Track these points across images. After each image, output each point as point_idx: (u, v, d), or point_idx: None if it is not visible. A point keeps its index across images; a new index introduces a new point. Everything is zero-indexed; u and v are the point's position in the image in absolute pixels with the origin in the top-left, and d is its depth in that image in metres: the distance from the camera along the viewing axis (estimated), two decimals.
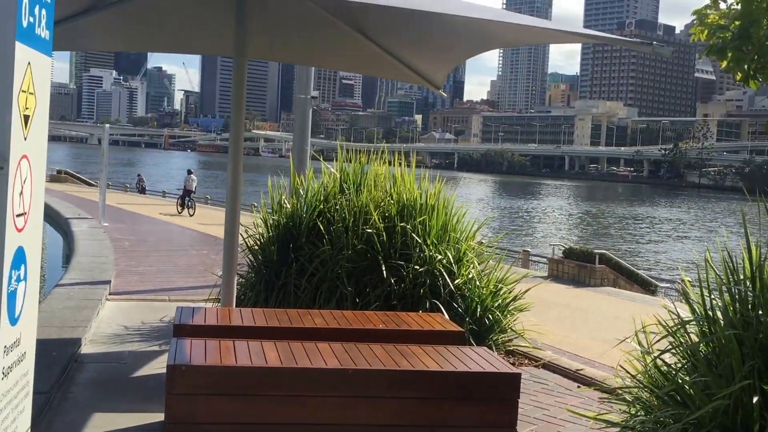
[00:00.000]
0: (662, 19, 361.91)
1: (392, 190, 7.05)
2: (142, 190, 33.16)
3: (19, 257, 2.76)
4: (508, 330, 6.89)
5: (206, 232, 16.17)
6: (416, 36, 6.16)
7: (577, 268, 12.81)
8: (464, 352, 4.91)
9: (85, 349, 6.12)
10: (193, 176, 24.40)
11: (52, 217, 18.82)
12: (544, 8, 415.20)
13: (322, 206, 6.90)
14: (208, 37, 6.81)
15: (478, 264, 7.02)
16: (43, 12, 2.82)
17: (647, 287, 13.84)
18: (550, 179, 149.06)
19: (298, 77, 9.58)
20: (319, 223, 6.70)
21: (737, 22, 3.89)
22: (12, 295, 2.70)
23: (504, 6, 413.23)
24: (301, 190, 7.12)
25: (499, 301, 6.94)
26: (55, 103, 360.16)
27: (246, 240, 6.99)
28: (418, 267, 6.52)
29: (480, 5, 4.96)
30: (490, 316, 6.73)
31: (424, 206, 6.92)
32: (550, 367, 6.62)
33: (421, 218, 6.76)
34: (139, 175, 35.87)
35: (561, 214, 56.49)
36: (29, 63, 2.68)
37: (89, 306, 7.26)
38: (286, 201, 7.08)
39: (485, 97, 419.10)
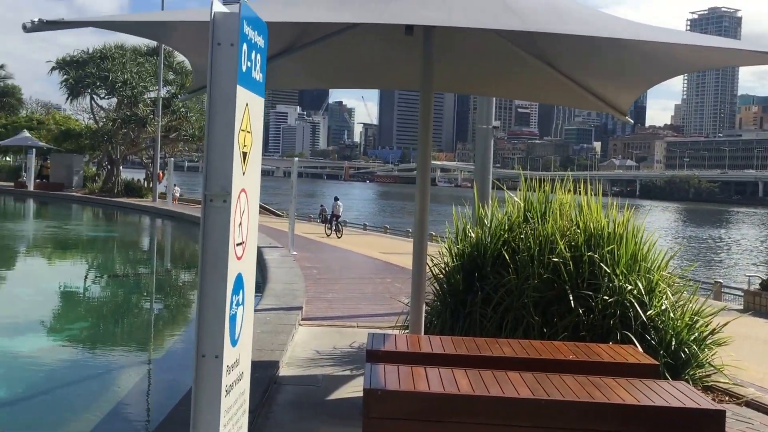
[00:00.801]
0: None
1: (578, 219, 6.93)
2: (324, 220, 34.64)
3: (239, 283, 3.02)
4: (706, 365, 6.51)
5: (388, 261, 16.57)
6: (603, 63, 6.07)
7: None
8: (661, 386, 4.71)
9: (283, 371, 6.48)
10: (339, 202, 26.77)
11: None
12: (733, 27, 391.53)
13: (506, 235, 6.90)
14: (395, 73, 7.08)
15: (671, 295, 6.72)
16: (258, 57, 3.09)
17: None
18: (742, 206, 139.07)
19: (479, 108, 9.69)
20: (504, 252, 6.71)
21: None
22: (233, 318, 2.95)
23: (688, 26, 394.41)
24: (485, 219, 7.17)
25: (696, 334, 6.58)
26: None
27: (432, 268, 7.12)
28: (607, 297, 6.34)
29: (670, 29, 4.83)
30: (685, 349, 6.39)
31: (612, 235, 6.74)
32: (753, 405, 6.20)
33: (609, 247, 6.58)
34: (321, 205, 37.58)
35: (755, 243, 52.37)
36: (247, 104, 2.95)
37: (284, 331, 7.69)
38: (470, 230, 7.16)
39: (668, 122, 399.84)
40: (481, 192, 9.20)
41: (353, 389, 6.08)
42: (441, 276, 7.11)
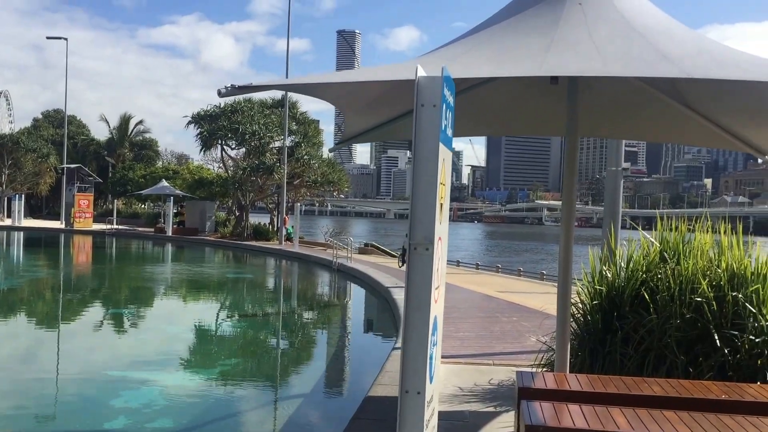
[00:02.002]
0: None
1: (718, 259, 6.91)
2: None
3: (435, 325, 3.30)
4: None
5: (509, 300, 16.71)
6: (744, 103, 6.12)
7: None
8: None
9: None
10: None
11: (372, 285, 20.74)
12: None
13: (644, 275, 6.95)
14: (538, 119, 7.34)
15: None
16: (449, 114, 3.40)
17: None
18: None
19: (609, 151, 9.80)
20: (643, 292, 6.77)
21: None
22: (431, 358, 3.22)
23: None
24: (620, 260, 7.24)
25: None
26: (359, 182, 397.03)
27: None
28: (753, 337, 6.29)
29: None
30: None
31: (756, 274, 6.69)
32: None
33: (754, 287, 6.54)
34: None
35: None
36: (443, 159, 3.26)
37: None
38: (607, 270, 7.24)
39: None
40: (613, 232, 9.23)
41: (499, 425, 6.25)
42: (579, 316, 7.21)
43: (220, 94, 4.51)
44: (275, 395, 9.59)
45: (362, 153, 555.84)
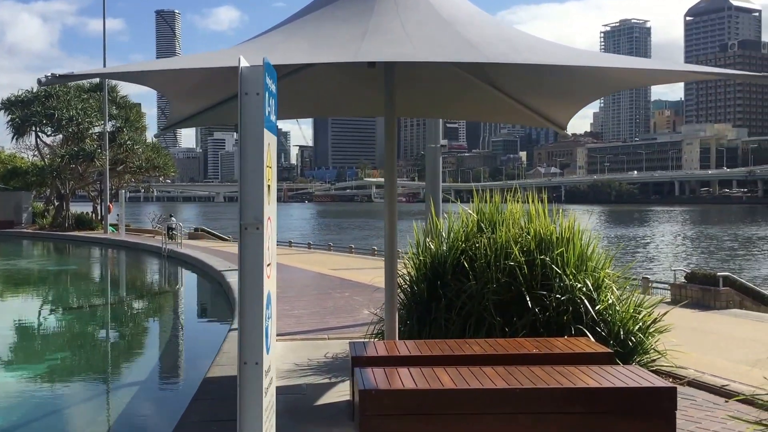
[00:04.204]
0: (765, 38, 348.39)
1: (528, 226, 7.55)
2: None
3: (269, 300, 3.47)
4: (651, 351, 7.18)
5: (341, 277, 17.13)
6: (546, 84, 6.72)
7: (701, 291, 12.68)
8: (618, 370, 5.32)
9: None
10: (173, 218, 31.54)
11: (205, 270, 20.40)
12: (643, 38, 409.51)
13: (463, 245, 7.46)
14: (357, 102, 7.61)
15: (616, 290, 7.39)
16: (272, 101, 3.56)
17: None
18: (661, 206, 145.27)
19: (428, 130, 10.30)
20: (463, 260, 7.27)
21: None
22: (266, 330, 3.40)
23: (602, 38, 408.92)
24: (442, 231, 7.72)
25: (640, 324, 7.25)
26: (186, 166, 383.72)
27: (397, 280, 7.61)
28: (560, 296, 6.95)
29: (606, 54, 5.48)
30: (632, 338, 7.05)
31: (561, 239, 7.37)
32: (695, 384, 6.90)
33: (558, 250, 7.21)
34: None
35: (675, 239, 55.08)
36: (269, 144, 3.42)
37: None
38: (430, 242, 7.69)
39: (588, 130, 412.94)
40: (434, 206, 9.78)
41: (336, 394, 6.52)
42: (406, 286, 7.62)
43: (40, 83, 4.41)
44: (107, 389, 9.33)
45: (188, 136, 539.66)
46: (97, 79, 43.25)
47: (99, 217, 43.03)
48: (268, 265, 3.40)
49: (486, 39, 5.00)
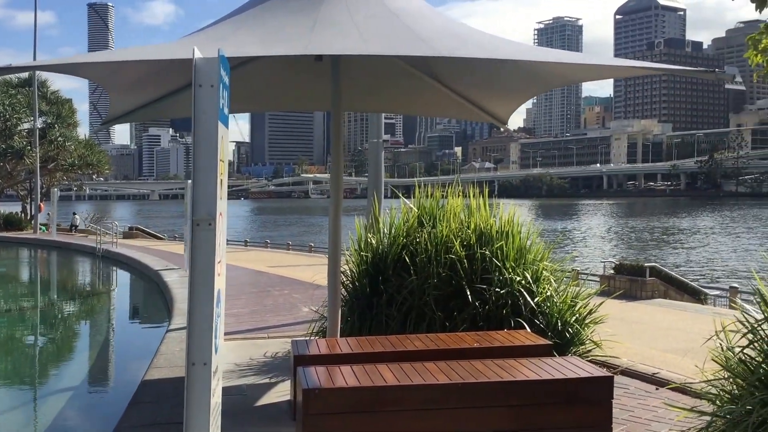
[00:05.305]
0: (689, 36, 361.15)
1: (469, 220, 7.60)
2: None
3: (218, 298, 3.39)
4: (587, 341, 7.33)
5: (279, 274, 17.02)
6: (485, 77, 6.76)
7: (629, 282, 13.05)
8: (556, 361, 5.40)
9: None
10: (77, 216, 33.45)
11: (141, 270, 19.91)
12: (575, 35, 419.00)
13: (404, 240, 7.46)
14: (304, 96, 7.53)
15: (554, 282, 7.51)
16: (225, 93, 3.47)
17: (697, 296, 14.00)
18: (590, 199, 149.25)
19: (370, 124, 10.28)
20: (405, 255, 7.27)
21: None
22: (216, 330, 3.31)
23: (535, 35, 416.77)
24: (383, 227, 7.71)
25: (576, 315, 7.39)
26: (120, 164, 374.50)
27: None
28: (499, 289, 7.02)
29: (546, 49, 5.55)
30: (569, 329, 7.18)
31: (500, 233, 7.45)
32: (628, 373, 7.09)
33: (498, 244, 7.28)
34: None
35: (604, 231, 56.69)
36: (222, 137, 3.33)
37: None
38: (371, 238, 7.67)
39: (522, 125, 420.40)
40: (377, 201, 9.73)
41: (277, 395, 6.45)
42: (347, 283, 7.58)
43: None
44: (36, 397, 9.00)
45: (122, 132, 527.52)
46: (26, 74, 41.87)
47: (29, 217, 41.72)
48: (219, 262, 3.32)
49: (435, 33, 5.00)
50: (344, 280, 7.55)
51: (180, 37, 5.42)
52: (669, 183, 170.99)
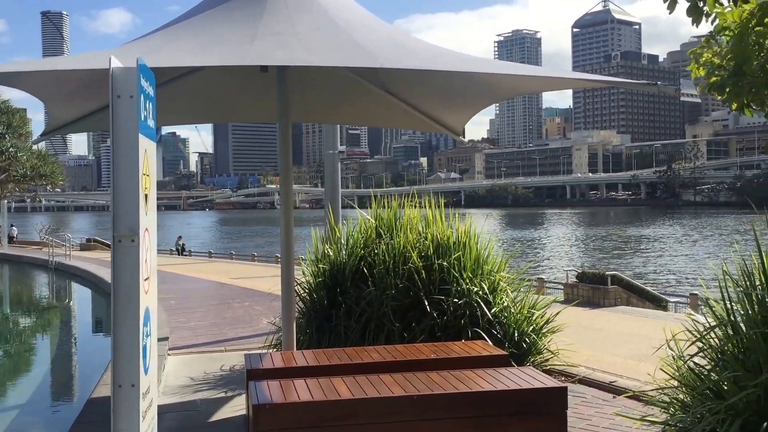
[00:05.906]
0: (645, 49, 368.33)
1: (426, 231, 7.58)
2: (181, 251, 34.66)
3: (147, 316, 3.29)
4: (544, 351, 7.35)
5: (242, 286, 16.83)
6: (439, 91, 6.77)
7: (591, 290, 13.19)
8: (512, 372, 5.39)
9: (160, 401, 6.59)
10: (14, 227, 34.49)
11: (96, 283, 19.49)
12: (534, 47, 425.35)
13: (362, 251, 7.42)
14: (251, 107, 7.44)
15: (511, 293, 7.53)
16: (150, 105, 3.36)
17: (658, 303, 14.19)
18: (554, 208, 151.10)
19: (326, 135, 10.22)
20: (362, 267, 7.23)
21: (731, 62, 4.43)
22: (144, 349, 3.22)
23: (496, 47, 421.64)
24: (341, 238, 7.66)
25: (533, 325, 7.41)
26: (78, 174, 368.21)
27: (296, 288, 7.48)
28: (457, 300, 7.01)
29: (499, 62, 5.57)
30: (526, 339, 7.19)
31: (457, 243, 7.45)
32: (585, 381, 7.12)
33: (456, 255, 7.28)
34: (180, 237, 37.94)
35: (567, 240, 57.38)
36: (146, 150, 3.22)
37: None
38: (329, 249, 7.61)
39: (485, 136, 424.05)
40: (333, 213, 9.69)
41: (232, 409, 6.34)
42: (305, 294, 7.51)
43: None
44: None
45: (79, 143, 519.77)
46: None
47: None
48: (146, 279, 3.22)
49: (380, 44, 4.98)
50: (301, 292, 7.48)
51: None
52: (630, 192, 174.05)
